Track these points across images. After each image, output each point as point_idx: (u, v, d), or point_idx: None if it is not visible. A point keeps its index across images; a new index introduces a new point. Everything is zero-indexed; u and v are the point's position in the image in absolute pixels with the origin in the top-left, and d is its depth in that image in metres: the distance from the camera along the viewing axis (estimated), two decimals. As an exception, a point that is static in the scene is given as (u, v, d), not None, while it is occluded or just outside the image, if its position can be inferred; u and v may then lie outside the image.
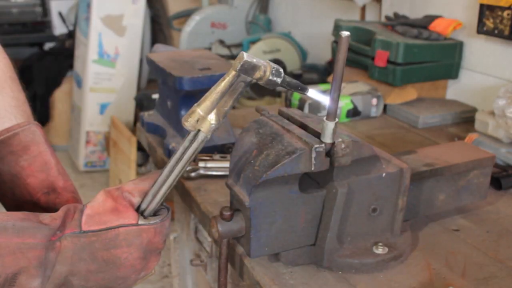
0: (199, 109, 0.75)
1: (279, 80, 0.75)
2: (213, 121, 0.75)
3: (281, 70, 0.76)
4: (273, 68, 0.75)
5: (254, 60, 0.73)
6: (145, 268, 0.77)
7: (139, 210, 0.76)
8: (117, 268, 0.73)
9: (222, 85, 0.74)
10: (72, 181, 0.91)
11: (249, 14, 3.54)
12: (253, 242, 0.92)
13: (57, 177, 0.88)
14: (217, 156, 1.35)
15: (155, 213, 0.78)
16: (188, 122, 0.75)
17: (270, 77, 0.75)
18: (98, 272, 0.72)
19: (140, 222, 0.73)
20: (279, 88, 2.51)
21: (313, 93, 0.84)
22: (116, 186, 0.77)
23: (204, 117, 0.75)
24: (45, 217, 0.70)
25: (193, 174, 1.31)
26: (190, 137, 0.77)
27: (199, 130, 0.76)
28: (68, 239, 0.70)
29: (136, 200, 0.76)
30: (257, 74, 0.74)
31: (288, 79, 0.78)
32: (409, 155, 1.12)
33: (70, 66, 4.14)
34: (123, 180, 3.36)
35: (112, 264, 0.72)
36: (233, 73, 0.74)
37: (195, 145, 0.77)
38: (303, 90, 0.81)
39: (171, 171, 0.78)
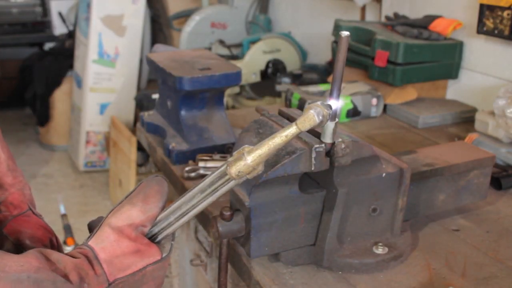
0: (250, 160, 0.67)
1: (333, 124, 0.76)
2: (260, 169, 0.69)
3: (331, 107, 0.68)
4: (329, 114, 0.67)
5: (321, 117, 0.66)
6: None
7: (149, 235, 0.72)
8: None
9: (281, 141, 0.67)
10: (24, 178, 0.87)
11: (249, 14, 3.54)
12: (253, 242, 0.92)
13: (5, 173, 0.84)
14: (217, 156, 1.35)
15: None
16: (236, 173, 0.68)
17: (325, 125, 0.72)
18: None
19: (163, 255, 0.70)
20: (280, 88, 2.51)
21: (335, 103, 0.84)
22: (122, 218, 0.69)
23: (252, 167, 0.68)
24: (58, 264, 0.64)
25: (193, 174, 1.31)
26: (223, 175, 0.70)
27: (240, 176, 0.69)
28: None
29: (147, 229, 0.71)
30: (309, 125, 0.67)
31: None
32: (409, 155, 1.12)
33: (70, 66, 4.14)
34: (123, 180, 3.36)
35: None
36: (297, 131, 0.67)
37: (227, 186, 0.70)
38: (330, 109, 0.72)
39: (195, 204, 0.72)
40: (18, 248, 0.82)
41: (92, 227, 0.78)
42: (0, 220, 0.83)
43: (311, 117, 0.65)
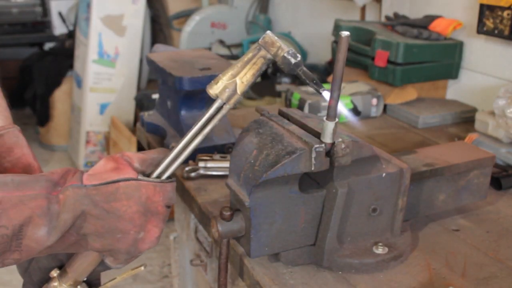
0: (222, 76, 0.82)
1: (293, 60, 0.81)
2: (231, 87, 0.81)
3: (298, 55, 0.82)
4: (290, 49, 0.82)
5: (275, 38, 0.82)
6: (144, 228, 0.78)
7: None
8: (117, 219, 0.75)
9: (245, 56, 0.82)
10: None
11: (249, 14, 3.54)
12: (253, 242, 0.92)
13: None
14: (217, 156, 1.35)
15: None
16: (211, 89, 0.82)
17: (285, 55, 0.81)
18: (98, 219, 0.75)
19: (139, 177, 0.77)
20: (280, 88, 2.50)
21: (327, 94, 0.85)
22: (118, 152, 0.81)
23: (224, 83, 0.81)
24: (47, 174, 0.74)
25: (193, 174, 1.31)
26: (215, 106, 0.83)
27: (218, 98, 0.82)
28: (69, 190, 0.73)
29: (135, 165, 0.79)
30: (274, 50, 0.81)
31: (305, 69, 0.84)
32: (409, 155, 1.12)
33: (70, 66, 4.14)
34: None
35: (112, 214, 0.75)
36: (255, 45, 0.82)
37: (211, 110, 0.83)
38: (318, 86, 0.86)
39: (190, 141, 0.82)
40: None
41: None
42: None
43: (266, 33, 0.82)
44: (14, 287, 2.84)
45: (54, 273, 0.86)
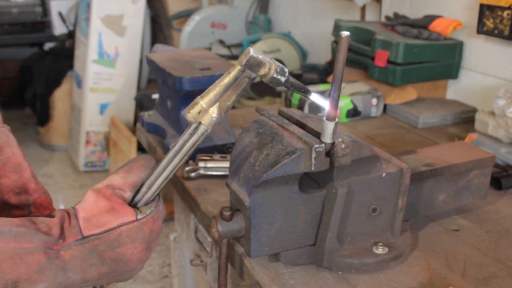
0: (202, 101, 0.75)
1: (283, 79, 0.76)
2: (214, 115, 0.75)
3: (286, 69, 0.77)
4: (278, 66, 0.76)
5: (260, 57, 0.74)
6: (150, 256, 0.78)
7: (132, 203, 0.77)
8: (126, 264, 0.74)
9: (226, 78, 0.75)
10: (42, 184, 0.93)
11: (249, 14, 3.54)
12: (253, 242, 0.92)
13: (29, 179, 0.89)
14: (217, 156, 1.35)
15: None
16: (190, 114, 0.75)
17: (275, 75, 0.76)
18: (110, 272, 0.73)
19: (139, 216, 0.74)
20: (280, 88, 2.51)
21: (315, 96, 0.85)
22: (104, 182, 0.76)
23: (206, 110, 0.75)
24: (41, 224, 0.70)
25: (193, 174, 1.31)
26: (190, 129, 0.77)
27: (200, 123, 0.76)
28: (73, 248, 0.70)
29: (127, 195, 0.76)
30: (262, 71, 0.76)
31: (292, 79, 0.79)
32: (409, 155, 1.12)
33: (70, 66, 4.14)
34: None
35: (120, 262, 0.73)
36: (238, 67, 0.75)
37: (195, 137, 0.77)
38: (306, 93, 0.82)
39: (168, 163, 0.78)
40: None
41: None
42: None
43: (247, 51, 0.73)
44: None
45: None
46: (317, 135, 0.90)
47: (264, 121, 0.98)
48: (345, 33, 0.79)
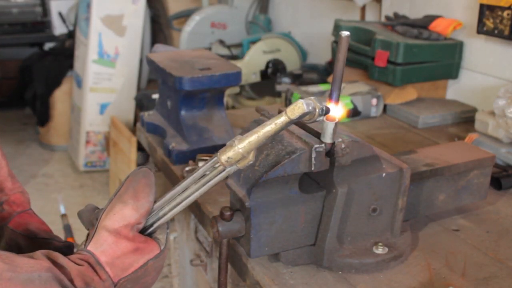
0: (240, 147, 0.70)
1: (322, 118, 0.72)
2: (251, 159, 0.71)
3: (328, 108, 0.72)
4: (321, 108, 0.71)
5: (310, 108, 0.69)
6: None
7: (146, 230, 0.75)
8: None
9: (271, 129, 0.70)
10: (21, 184, 0.92)
11: (249, 14, 3.54)
12: (253, 242, 0.92)
13: (5, 178, 0.89)
14: (217, 156, 1.34)
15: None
16: (225, 159, 0.70)
17: (317, 119, 0.71)
18: None
19: (161, 247, 0.73)
20: (279, 88, 2.51)
21: (334, 108, 0.84)
22: (118, 220, 0.70)
23: (243, 155, 0.70)
24: (66, 269, 0.66)
25: (193, 174, 1.31)
26: (216, 165, 0.73)
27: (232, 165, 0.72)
28: None
29: (143, 225, 0.73)
30: (308, 118, 0.71)
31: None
32: (409, 155, 1.12)
33: (70, 66, 4.14)
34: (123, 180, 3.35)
35: None
36: (286, 120, 0.69)
37: (219, 176, 0.73)
38: (326, 112, 0.75)
39: (187, 196, 0.76)
40: (29, 239, 0.86)
41: (82, 217, 0.81)
42: (4, 217, 0.87)
43: (299, 105, 0.68)
44: None
45: None
46: (317, 135, 0.90)
47: (264, 121, 0.98)
48: (345, 33, 0.79)
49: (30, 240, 0.85)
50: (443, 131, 1.68)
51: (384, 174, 0.96)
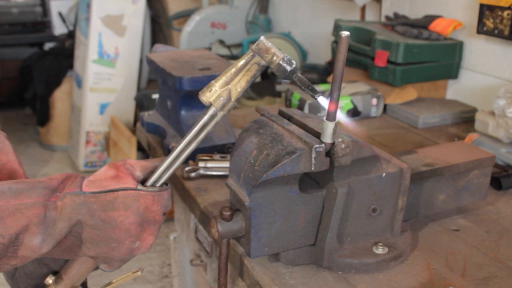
0: (215, 83, 0.80)
1: (288, 67, 0.80)
2: (224, 96, 0.80)
3: (294, 61, 0.81)
4: (286, 56, 0.80)
5: (270, 44, 0.80)
6: (140, 237, 0.78)
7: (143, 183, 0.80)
8: (112, 230, 0.75)
9: (238, 62, 0.81)
10: None
11: (249, 14, 3.55)
12: (253, 242, 0.92)
13: None
14: (217, 156, 1.35)
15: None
16: (204, 96, 0.81)
17: (281, 63, 0.80)
18: (94, 228, 0.75)
19: (139, 187, 0.77)
20: (280, 88, 2.50)
21: (323, 100, 0.85)
22: (120, 160, 0.80)
23: (217, 91, 0.80)
24: (44, 177, 0.75)
25: (193, 174, 1.31)
26: (205, 116, 0.82)
27: (211, 105, 0.81)
28: (67, 197, 0.73)
29: (137, 174, 0.79)
30: (270, 57, 0.80)
31: (300, 75, 0.82)
32: (409, 155, 1.12)
33: (70, 66, 4.14)
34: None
35: (108, 224, 0.75)
36: (250, 53, 0.81)
37: (205, 118, 0.81)
38: (313, 92, 0.84)
39: (184, 147, 0.82)
40: None
41: None
42: None
43: (259, 39, 0.81)
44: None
45: (50, 279, 0.85)
46: (317, 135, 0.89)
47: (264, 121, 0.98)
48: (345, 33, 0.79)
49: None
50: (443, 131, 1.68)
51: (384, 174, 0.96)
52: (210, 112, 0.81)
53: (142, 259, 3.04)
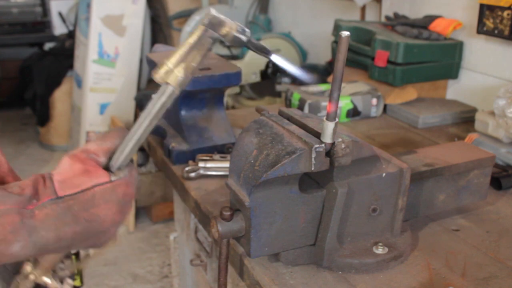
0: (168, 62, 0.77)
1: (244, 38, 0.80)
2: (181, 74, 0.77)
3: (247, 29, 0.81)
4: (239, 26, 0.80)
5: (222, 17, 0.79)
6: (123, 220, 0.79)
7: (106, 168, 0.78)
8: (99, 224, 0.75)
9: (190, 38, 0.78)
10: (21, 179, 0.93)
11: (249, 14, 3.54)
12: (253, 242, 0.92)
13: (7, 174, 0.89)
14: (217, 156, 1.35)
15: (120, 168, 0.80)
16: (158, 74, 0.78)
17: (236, 34, 0.79)
18: (82, 230, 0.74)
19: (112, 178, 0.76)
20: (280, 88, 2.51)
21: (276, 58, 0.87)
22: (79, 149, 0.78)
23: (172, 70, 0.77)
24: (14, 187, 0.72)
25: (193, 174, 1.31)
26: (159, 92, 0.80)
27: (167, 84, 0.78)
28: (47, 207, 0.71)
29: (102, 160, 0.78)
30: (224, 30, 0.79)
31: (254, 40, 0.83)
32: (409, 155, 1.12)
33: (70, 66, 4.14)
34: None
35: (94, 222, 0.74)
36: (202, 27, 0.78)
37: (163, 98, 0.80)
38: (267, 53, 0.85)
39: (138, 127, 0.82)
40: None
41: None
42: None
43: (208, 12, 0.78)
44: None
45: (27, 264, 0.85)
46: (317, 135, 0.90)
47: (264, 121, 0.98)
48: (345, 33, 0.79)
49: None
50: (443, 131, 1.68)
51: (384, 174, 0.96)
52: (169, 91, 0.79)
53: (142, 259, 3.04)
